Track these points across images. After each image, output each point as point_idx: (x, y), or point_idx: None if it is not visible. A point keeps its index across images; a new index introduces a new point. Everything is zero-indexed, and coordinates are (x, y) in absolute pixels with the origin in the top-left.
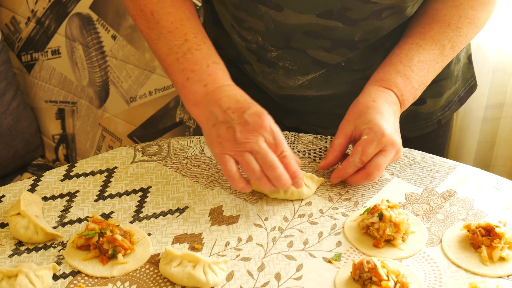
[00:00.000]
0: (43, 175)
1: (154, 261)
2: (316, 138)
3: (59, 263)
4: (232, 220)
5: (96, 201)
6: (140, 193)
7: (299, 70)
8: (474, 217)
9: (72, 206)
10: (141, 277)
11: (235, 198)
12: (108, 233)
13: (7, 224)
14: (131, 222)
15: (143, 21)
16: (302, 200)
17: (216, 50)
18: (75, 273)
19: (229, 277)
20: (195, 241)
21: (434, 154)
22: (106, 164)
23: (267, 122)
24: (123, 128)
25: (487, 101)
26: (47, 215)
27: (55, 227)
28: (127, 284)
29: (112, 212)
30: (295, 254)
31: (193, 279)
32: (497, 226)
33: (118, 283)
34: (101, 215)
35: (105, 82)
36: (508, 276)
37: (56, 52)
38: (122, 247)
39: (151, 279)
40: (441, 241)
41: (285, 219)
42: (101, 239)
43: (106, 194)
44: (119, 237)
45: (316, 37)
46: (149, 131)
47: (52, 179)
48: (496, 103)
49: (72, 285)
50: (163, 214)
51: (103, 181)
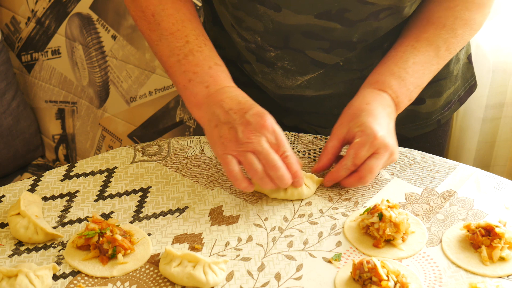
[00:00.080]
0: (43, 175)
1: (154, 261)
2: (316, 138)
3: (59, 263)
4: (232, 220)
5: (96, 201)
6: (140, 193)
7: (297, 70)
8: (474, 217)
9: (72, 206)
10: (141, 277)
11: (235, 198)
12: (108, 233)
13: (7, 224)
14: (131, 222)
15: (144, 22)
16: (302, 200)
17: (216, 50)
18: (75, 273)
19: (229, 277)
20: (195, 241)
21: (434, 154)
22: (106, 164)
23: (269, 122)
24: (123, 128)
25: (487, 101)
26: (47, 215)
27: (55, 227)
28: (127, 284)
29: (112, 212)
30: (295, 254)
31: (193, 279)
32: (497, 226)
33: (118, 283)
34: (101, 215)
35: (105, 82)
36: (508, 276)
37: (56, 52)
38: (122, 247)
39: (151, 279)
40: (441, 241)
41: (285, 219)
42: (101, 239)
43: (106, 194)
44: (119, 237)
45: (314, 37)
46: (149, 131)
47: (52, 179)
48: (496, 103)
49: (72, 285)
50: (163, 214)
51: (103, 181)
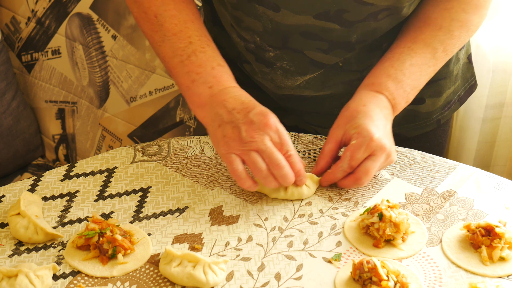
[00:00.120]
0: (43, 175)
1: (154, 261)
2: (316, 138)
3: (59, 263)
4: (232, 220)
5: (96, 201)
6: (140, 193)
7: (296, 70)
8: (474, 217)
9: (72, 206)
10: (141, 277)
11: (235, 198)
12: (108, 233)
13: (7, 224)
14: (131, 222)
15: (147, 23)
16: (302, 200)
17: None
18: (75, 273)
19: (229, 277)
20: (195, 241)
21: (434, 154)
22: (106, 164)
23: (273, 121)
24: (123, 128)
25: (487, 101)
26: (47, 215)
27: (55, 227)
28: (127, 284)
29: (112, 212)
30: (295, 254)
31: (193, 279)
32: (497, 226)
33: (118, 283)
34: (101, 215)
35: (105, 82)
36: (508, 276)
37: (56, 52)
38: (122, 247)
39: (151, 279)
40: (441, 241)
41: (285, 219)
42: (101, 239)
43: (106, 194)
44: (119, 237)
45: (313, 38)
46: (149, 131)
47: (52, 179)
48: (496, 103)
49: (72, 285)
50: (163, 214)
51: (103, 181)
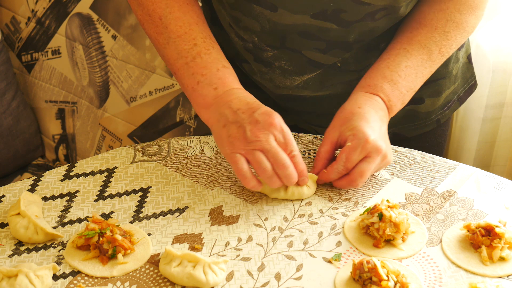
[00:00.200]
0: (43, 175)
1: (154, 261)
2: (316, 138)
3: (59, 263)
4: (232, 220)
5: (96, 201)
6: (140, 193)
7: (294, 70)
8: (474, 217)
9: (72, 206)
10: (141, 277)
11: (235, 198)
12: (108, 233)
13: (7, 224)
14: (131, 222)
15: (151, 26)
16: (302, 200)
17: None
18: (75, 273)
19: (229, 277)
20: (195, 241)
21: (433, 154)
22: (106, 164)
23: (278, 121)
24: (123, 128)
25: (487, 101)
26: (47, 215)
27: (55, 227)
28: (127, 284)
29: (112, 212)
30: (295, 254)
31: (193, 279)
32: (497, 226)
33: (118, 283)
34: (101, 215)
35: (105, 82)
36: (508, 276)
37: (56, 52)
38: (122, 247)
39: (151, 279)
40: (441, 241)
41: (285, 219)
42: (101, 239)
43: (106, 194)
44: (119, 237)
45: (311, 38)
46: (149, 131)
47: (52, 179)
48: (496, 103)
49: (72, 285)
50: (163, 214)
51: (103, 181)
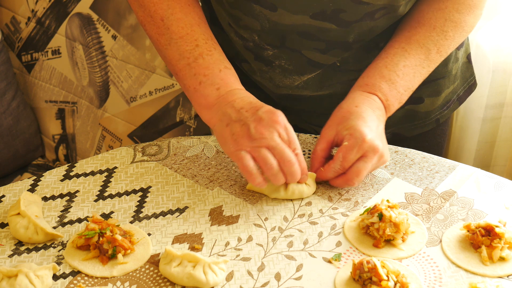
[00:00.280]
0: (43, 175)
1: (154, 261)
2: (316, 138)
3: (59, 263)
4: (232, 220)
5: (96, 201)
6: (140, 193)
7: (294, 69)
8: (474, 217)
9: (72, 206)
10: (141, 277)
11: (235, 198)
12: (108, 233)
13: (7, 224)
14: (131, 222)
15: (153, 27)
16: (302, 200)
17: None
18: (75, 273)
19: (229, 277)
20: (195, 241)
21: (432, 153)
22: (106, 164)
23: (281, 118)
24: (123, 128)
25: (487, 101)
26: (47, 215)
27: (55, 227)
28: (127, 284)
29: (112, 212)
30: (295, 254)
31: (193, 279)
32: (497, 226)
33: (118, 283)
34: (101, 215)
35: (105, 82)
36: (508, 276)
37: (56, 52)
38: (122, 247)
39: (151, 279)
40: (441, 241)
41: (285, 219)
42: (101, 239)
43: (106, 194)
44: (119, 237)
45: (310, 38)
46: (149, 131)
47: (52, 179)
48: (496, 103)
49: (72, 285)
50: (163, 214)
51: (103, 181)
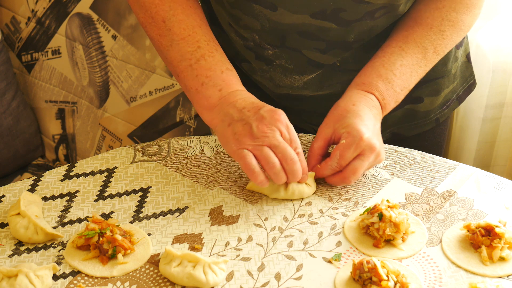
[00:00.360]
0: (43, 175)
1: (154, 261)
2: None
3: (59, 263)
4: (232, 220)
5: (96, 201)
6: (140, 193)
7: (295, 69)
8: (474, 217)
9: (72, 206)
10: (141, 277)
11: (235, 198)
12: (108, 233)
13: (7, 224)
14: (131, 222)
15: (154, 28)
16: (302, 200)
17: None
18: (75, 273)
19: (229, 277)
20: (195, 241)
21: (432, 153)
22: (106, 164)
23: (283, 117)
24: (123, 128)
25: (487, 101)
26: (47, 215)
27: (55, 227)
28: (127, 284)
29: (112, 212)
30: (295, 254)
31: (193, 279)
32: (497, 226)
33: (118, 283)
34: (101, 215)
35: (105, 82)
36: (508, 276)
37: (56, 52)
38: (122, 247)
39: (151, 279)
40: (441, 241)
41: (285, 219)
42: (101, 239)
43: (106, 194)
44: (119, 237)
45: (310, 38)
46: (149, 131)
47: (52, 179)
48: (496, 103)
49: (72, 285)
50: (163, 214)
51: (103, 181)
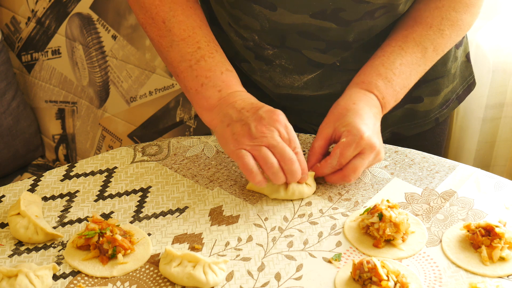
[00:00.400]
0: (43, 175)
1: (154, 261)
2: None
3: (59, 263)
4: (232, 220)
5: (96, 201)
6: (140, 193)
7: (295, 69)
8: (474, 217)
9: (72, 206)
10: (141, 277)
11: (235, 198)
12: (108, 233)
13: (7, 224)
14: (131, 222)
15: (154, 29)
16: (302, 200)
17: None
18: (75, 273)
19: (229, 277)
20: (195, 241)
21: (432, 153)
22: (106, 164)
23: (282, 117)
24: (123, 128)
25: (487, 101)
26: (47, 215)
27: (55, 227)
28: (127, 284)
29: (112, 212)
30: (295, 254)
31: (193, 279)
32: (497, 226)
33: (118, 283)
34: (101, 215)
35: (105, 82)
36: (508, 276)
37: (56, 52)
38: (122, 247)
39: (151, 279)
40: (441, 241)
41: (285, 219)
42: (101, 239)
43: (106, 194)
44: (119, 237)
45: (310, 38)
46: (149, 131)
47: (52, 179)
48: (496, 103)
49: (72, 285)
50: (163, 214)
51: (103, 181)
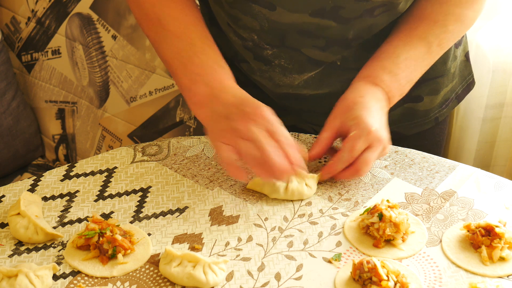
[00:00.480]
0: (43, 175)
1: (154, 261)
2: (316, 138)
3: (59, 263)
4: (232, 220)
5: (96, 201)
6: (140, 193)
7: (294, 68)
8: (474, 217)
9: (72, 206)
10: (141, 277)
11: (235, 198)
12: (108, 233)
13: (7, 224)
14: (131, 222)
15: (149, 25)
16: (302, 200)
17: None
18: (75, 273)
19: (229, 277)
20: (195, 241)
21: (431, 152)
22: (106, 164)
23: (266, 112)
24: (123, 128)
25: (487, 101)
26: (47, 215)
27: (55, 227)
28: (127, 284)
29: (112, 212)
30: (295, 254)
31: (193, 279)
32: (497, 226)
33: (118, 283)
34: (101, 215)
35: (105, 82)
36: (508, 276)
37: (56, 52)
38: (122, 247)
39: (151, 279)
40: (441, 241)
41: (285, 219)
42: (101, 239)
43: (106, 194)
44: (119, 237)
45: (310, 36)
46: (149, 131)
47: (52, 179)
48: (496, 103)
49: (72, 285)
50: (163, 214)
51: (103, 181)
